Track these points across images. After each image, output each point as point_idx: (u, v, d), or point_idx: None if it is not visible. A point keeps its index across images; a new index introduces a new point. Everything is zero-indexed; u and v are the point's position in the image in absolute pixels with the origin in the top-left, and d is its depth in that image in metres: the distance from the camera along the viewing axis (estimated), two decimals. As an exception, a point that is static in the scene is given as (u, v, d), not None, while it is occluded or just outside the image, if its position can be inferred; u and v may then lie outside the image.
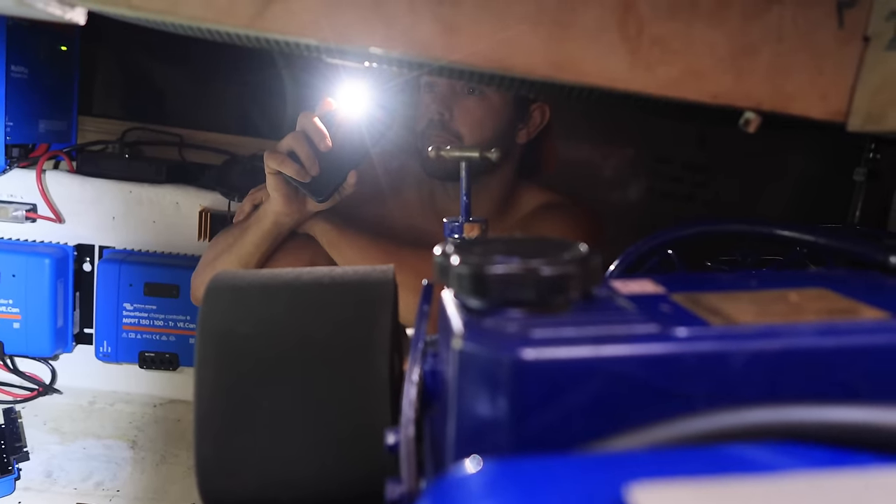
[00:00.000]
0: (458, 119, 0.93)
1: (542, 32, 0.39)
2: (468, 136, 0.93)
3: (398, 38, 0.40)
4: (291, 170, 0.82)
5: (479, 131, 0.93)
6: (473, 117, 0.93)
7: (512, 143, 0.99)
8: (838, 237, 0.38)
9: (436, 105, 0.93)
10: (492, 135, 0.94)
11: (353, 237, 0.91)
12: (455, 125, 0.93)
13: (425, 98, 0.95)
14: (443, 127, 0.93)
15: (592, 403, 0.23)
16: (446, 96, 0.93)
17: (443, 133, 0.93)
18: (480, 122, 0.93)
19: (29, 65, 1.17)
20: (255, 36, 0.44)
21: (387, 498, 0.28)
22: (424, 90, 0.96)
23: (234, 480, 0.35)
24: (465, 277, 0.26)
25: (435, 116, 0.93)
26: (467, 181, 0.66)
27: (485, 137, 0.94)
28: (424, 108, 0.95)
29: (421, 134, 0.95)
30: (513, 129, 0.98)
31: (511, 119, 0.97)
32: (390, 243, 0.92)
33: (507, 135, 0.98)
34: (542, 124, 1.01)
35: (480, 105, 0.93)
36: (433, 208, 1.03)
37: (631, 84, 0.39)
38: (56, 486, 1.30)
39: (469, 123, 0.93)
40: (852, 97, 0.39)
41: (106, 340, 1.27)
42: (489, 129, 0.94)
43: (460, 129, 0.93)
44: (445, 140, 0.92)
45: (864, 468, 0.18)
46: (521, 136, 1.00)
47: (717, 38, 0.39)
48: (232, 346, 0.35)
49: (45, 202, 1.24)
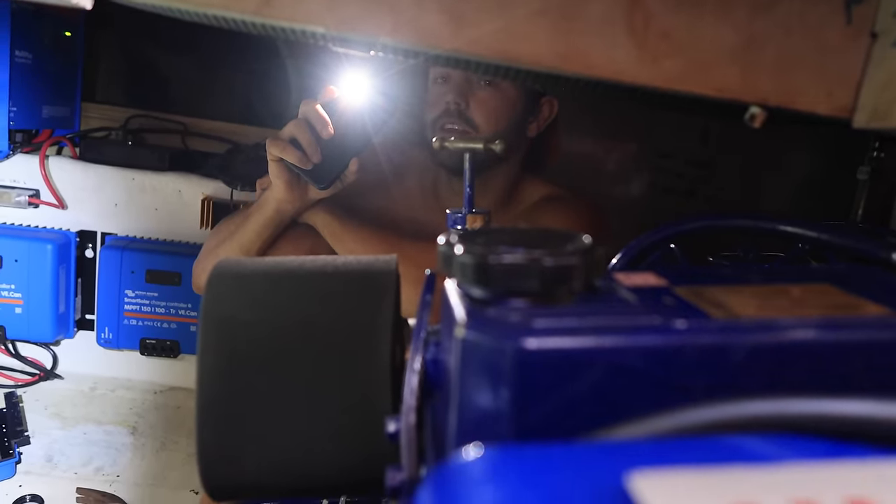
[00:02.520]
0: (474, 109, 0.93)
1: (548, 24, 0.39)
2: (484, 125, 0.93)
3: (405, 28, 0.40)
4: (293, 156, 0.82)
5: (494, 121, 0.94)
6: (489, 107, 0.93)
7: (523, 135, 0.99)
8: (841, 233, 0.39)
9: (452, 95, 0.93)
10: (506, 125, 0.95)
11: (354, 228, 0.91)
12: (471, 114, 0.93)
13: (439, 88, 0.95)
14: (459, 115, 0.93)
15: (594, 393, 0.23)
16: (462, 86, 0.93)
17: (458, 121, 0.93)
18: (496, 113, 0.94)
19: (33, 50, 1.17)
20: (261, 23, 0.44)
21: (387, 484, 0.28)
22: (438, 81, 0.96)
23: (235, 467, 0.35)
24: (468, 267, 0.26)
25: (452, 106, 0.93)
26: (471, 173, 0.66)
27: (500, 128, 0.94)
28: (437, 98, 0.95)
29: (433, 123, 0.95)
30: (524, 121, 0.98)
31: (524, 111, 0.97)
32: (392, 235, 0.92)
33: (520, 127, 0.98)
34: (551, 118, 1.01)
35: (495, 96, 0.93)
36: (436, 199, 1.03)
37: (637, 77, 0.39)
38: (56, 470, 1.31)
39: (485, 113, 0.93)
40: (858, 93, 0.39)
41: (107, 327, 1.28)
42: (504, 120, 0.94)
43: (476, 119, 0.93)
44: (461, 129, 0.93)
45: (862, 460, 0.18)
46: (532, 129, 1.00)
47: (725, 32, 0.38)
48: (235, 333, 0.36)
49: (47, 188, 1.24)
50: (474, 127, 0.93)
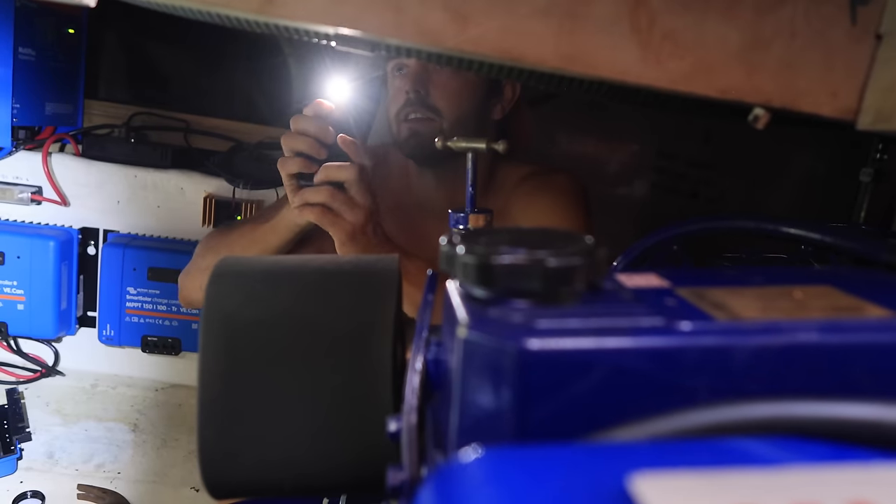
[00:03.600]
0: (435, 94, 0.91)
1: (552, 24, 0.39)
2: (446, 110, 0.91)
3: (408, 27, 0.40)
4: (302, 165, 0.81)
5: (456, 105, 0.92)
6: (449, 91, 0.91)
7: (488, 118, 0.98)
8: (844, 235, 0.38)
9: (410, 83, 0.91)
10: (469, 108, 0.93)
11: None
12: (433, 100, 0.91)
13: (397, 80, 0.93)
14: (420, 103, 0.91)
15: (596, 394, 0.23)
16: (419, 73, 0.91)
17: (421, 109, 0.91)
18: (457, 95, 0.92)
19: (36, 47, 1.17)
20: (264, 21, 0.44)
21: (388, 484, 0.28)
22: (395, 72, 0.94)
23: (236, 464, 0.35)
24: (470, 267, 0.26)
25: (412, 95, 0.91)
26: (473, 172, 0.66)
27: (463, 111, 0.92)
28: (397, 90, 0.93)
29: (396, 116, 0.93)
30: (488, 103, 0.97)
31: (485, 93, 0.95)
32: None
33: (484, 109, 0.96)
34: (514, 98, 0.99)
35: (455, 78, 0.91)
36: (409, 193, 1.02)
37: (641, 78, 0.39)
38: (58, 466, 1.31)
39: (446, 97, 0.91)
40: (863, 95, 0.39)
41: (109, 324, 1.28)
42: (467, 102, 0.93)
43: (438, 104, 0.91)
44: (424, 117, 0.91)
45: (864, 463, 0.18)
46: (496, 111, 0.98)
47: (729, 33, 0.38)
48: (236, 331, 0.36)
49: (50, 185, 1.24)
50: (437, 113, 0.91)
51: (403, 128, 0.93)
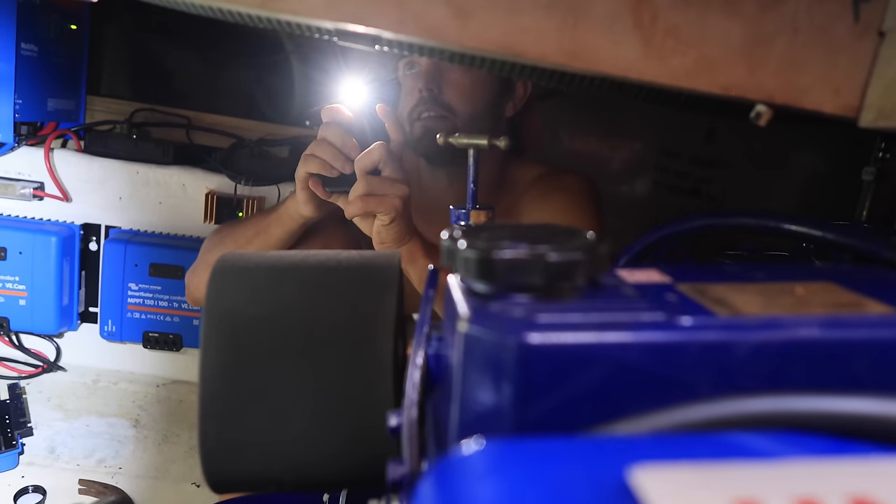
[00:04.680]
0: (448, 92, 0.91)
1: (555, 19, 0.39)
2: (460, 107, 0.91)
3: (410, 22, 0.40)
4: (322, 168, 0.80)
5: (470, 103, 0.92)
6: (462, 88, 0.91)
7: (500, 116, 0.98)
8: (846, 232, 0.38)
9: (423, 81, 0.91)
10: (482, 106, 0.93)
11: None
12: (445, 98, 0.91)
13: (409, 78, 0.93)
14: (434, 101, 0.91)
15: (596, 389, 0.23)
16: (432, 71, 0.91)
17: (434, 108, 0.91)
18: (471, 93, 0.92)
19: (39, 43, 1.17)
20: (266, 17, 0.44)
21: (388, 478, 0.28)
22: (407, 71, 0.94)
23: (237, 460, 0.35)
24: (472, 262, 0.26)
25: (425, 93, 0.91)
26: (475, 168, 0.66)
27: (476, 109, 0.92)
28: (410, 88, 0.93)
29: (409, 114, 0.93)
30: (501, 101, 0.97)
31: (498, 91, 0.95)
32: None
33: (497, 107, 0.96)
34: (526, 96, 0.99)
35: (467, 76, 0.91)
36: (419, 191, 1.02)
37: (644, 74, 0.39)
38: (59, 461, 1.31)
39: (459, 95, 0.91)
40: (865, 92, 0.39)
41: (111, 319, 1.28)
42: (480, 100, 0.93)
43: (451, 102, 0.91)
44: (438, 115, 0.91)
45: (865, 458, 0.18)
46: (508, 108, 0.98)
47: (732, 29, 0.38)
48: (237, 327, 0.36)
49: (52, 180, 1.24)
50: (451, 111, 0.91)
51: (417, 126, 0.92)
